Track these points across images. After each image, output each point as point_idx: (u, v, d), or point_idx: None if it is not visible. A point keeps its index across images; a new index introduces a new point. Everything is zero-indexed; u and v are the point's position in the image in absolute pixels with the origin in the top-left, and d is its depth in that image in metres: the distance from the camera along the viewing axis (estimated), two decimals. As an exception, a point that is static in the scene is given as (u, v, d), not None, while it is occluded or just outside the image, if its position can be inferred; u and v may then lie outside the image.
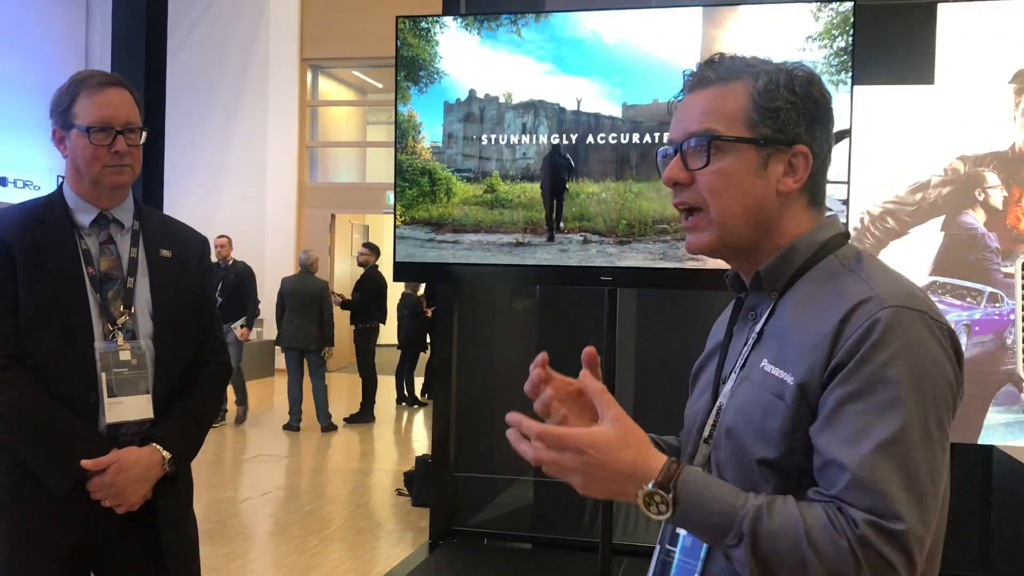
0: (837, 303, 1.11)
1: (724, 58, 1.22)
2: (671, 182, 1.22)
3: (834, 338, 1.08)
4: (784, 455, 1.10)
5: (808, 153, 1.19)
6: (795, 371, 1.11)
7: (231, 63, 13.62)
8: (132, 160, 2.01)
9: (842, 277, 1.16)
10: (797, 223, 1.21)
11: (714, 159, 1.18)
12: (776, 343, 1.17)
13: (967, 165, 3.96)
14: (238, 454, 7.91)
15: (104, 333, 1.97)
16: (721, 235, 1.20)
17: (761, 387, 1.15)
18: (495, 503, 5.17)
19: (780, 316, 1.19)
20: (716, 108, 1.19)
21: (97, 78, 2.01)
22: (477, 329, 5.13)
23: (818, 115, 1.20)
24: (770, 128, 1.17)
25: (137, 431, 2.00)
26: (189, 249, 2.17)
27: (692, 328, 4.58)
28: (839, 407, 1.06)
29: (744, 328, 1.26)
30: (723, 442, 1.18)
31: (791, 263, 1.20)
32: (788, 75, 1.19)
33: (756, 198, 1.18)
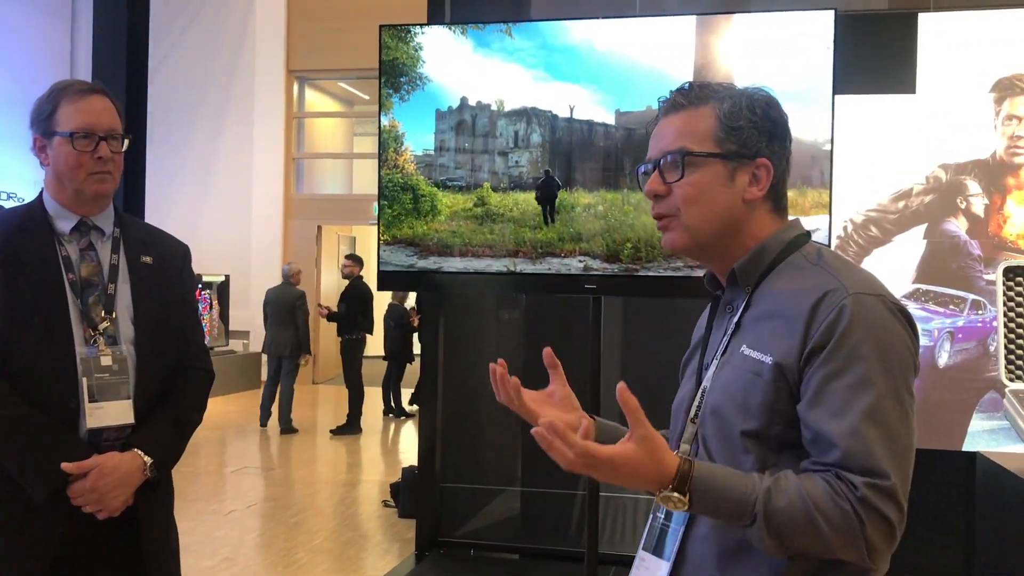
0: (806, 293, 1.28)
1: (694, 86, 1.41)
2: (651, 194, 1.40)
3: (807, 323, 1.25)
4: (765, 426, 1.27)
5: (769, 165, 1.37)
6: (772, 351, 1.28)
7: (217, 74, 13.60)
8: (114, 167, 2.01)
9: (808, 270, 1.34)
10: (763, 226, 1.39)
11: (688, 172, 1.36)
12: (753, 330, 1.34)
13: (949, 173, 3.99)
14: (223, 466, 7.86)
15: (85, 338, 1.97)
16: (692, 237, 1.38)
17: (741, 368, 1.31)
18: (482, 514, 5.15)
19: (755, 307, 1.36)
20: (688, 129, 1.38)
21: (78, 86, 2.02)
22: (463, 339, 5.13)
23: (776, 132, 1.39)
24: (735, 144, 1.36)
25: (118, 437, 1.99)
26: (170, 256, 2.17)
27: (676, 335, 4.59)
28: (823, 385, 1.22)
29: (723, 321, 1.43)
30: (708, 420, 1.34)
31: (762, 260, 1.38)
32: (750, 99, 1.38)
33: (725, 205, 1.37)
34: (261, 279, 13.42)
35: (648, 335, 4.63)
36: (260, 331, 13.27)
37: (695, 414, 1.38)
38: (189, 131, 13.37)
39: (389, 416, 10.69)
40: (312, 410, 11.23)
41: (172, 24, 12.98)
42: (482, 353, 5.22)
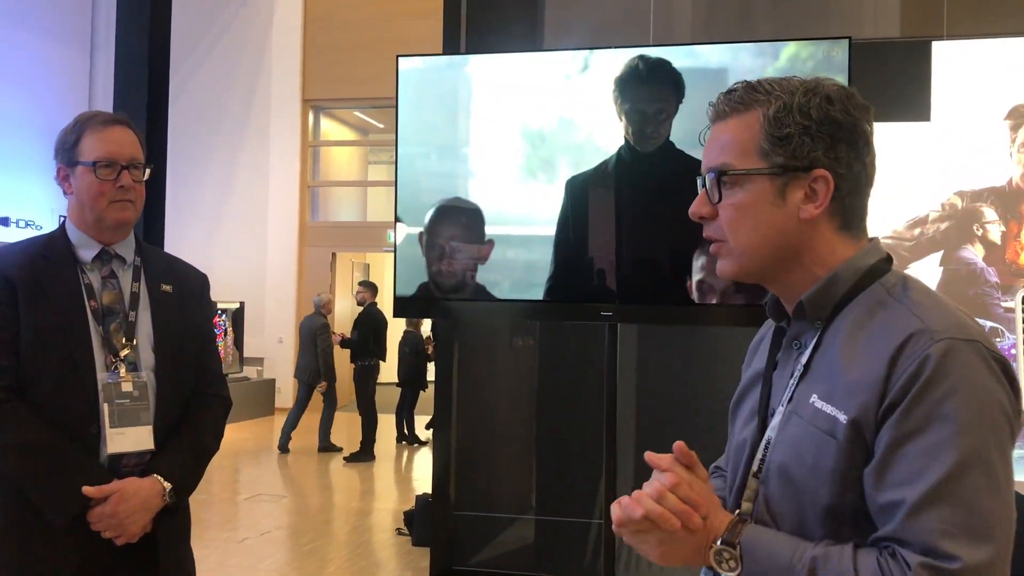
0: (887, 337, 1.10)
1: (740, 87, 1.21)
2: (696, 217, 1.23)
3: (887, 375, 1.07)
4: (837, 494, 1.10)
5: (828, 177, 1.16)
6: (847, 408, 1.09)
7: (234, 104, 13.74)
8: (136, 196, 2.05)
9: (889, 307, 1.14)
10: (831, 249, 1.18)
11: (727, 193, 1.19)
12: (826, 377, 1.14)
13: (965, 200, 3.98)
14: (237, 493, 7.86)
15: (106, 365, 1.99)
16: (742, 265, 1.21)
17: (812, 424, 1.13)
18: (496, 542, 5.12)
19: (828, 348, 1.17)
20: (731, 141, 1.19)
21: (102, 117, 2.07)
22: (478, 366, 5.12)
23: (839, 135, 1.16)
24: (783, 156, 1.16)
25: (138, 463, 2.01)
26: (190, 285, 2.20)
27: (693, 363, 4.58)
28: (894, 448, 1.05)
29: (789, 358, 1.24)
30: (775, 479, 1.17)
31: (835, 292, 1.18)
32: (805, 97, 1.16)
33: (775, 227, 1.17)
34: (276, 306, 13.49)
35: (665, 362, 4.62)
36: (274, 358, 13.39)
37: (758, 468, 1.20)
38: (206, 159, 13.49)
39: (402, 443, 10.67)
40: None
41: (190, 55, 13.13)
42: (497, 381, 5.22)
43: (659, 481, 1.19)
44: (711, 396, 4.47)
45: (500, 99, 3.32)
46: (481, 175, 3.34)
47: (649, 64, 3.14)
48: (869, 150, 1.20)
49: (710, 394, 4.47)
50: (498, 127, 3.32)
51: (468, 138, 3.36)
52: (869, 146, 1.20)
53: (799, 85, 1.18)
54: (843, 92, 1.19)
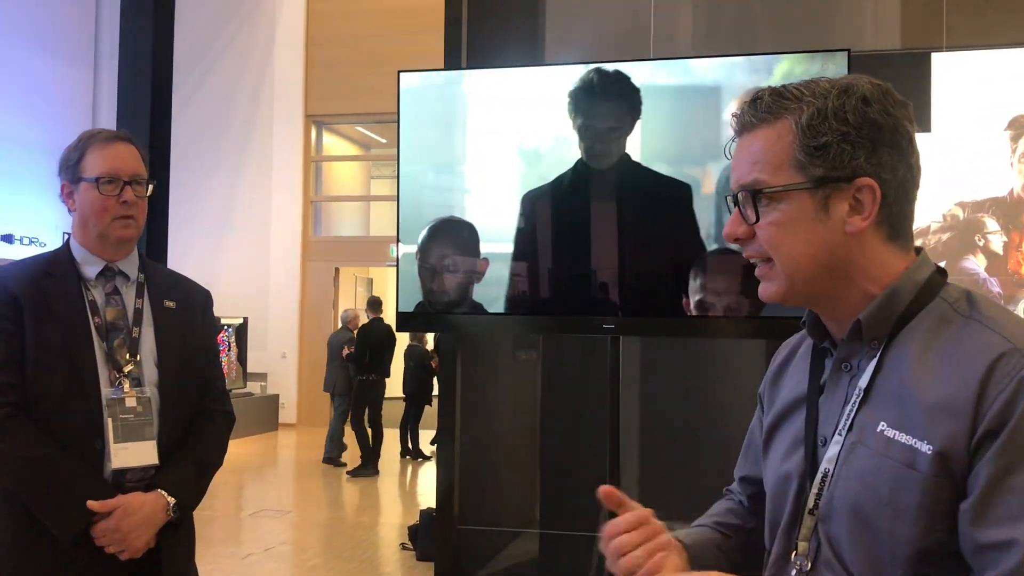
0: (969, 358, 1.00)
1: (766, 95, 1.10)
2: (731, 239, 1.14)
3: (976, 401, 0.97)
4: (923, 533, 1.00)
5: (874, 184, 1.06)
6: (930, 437, 1.00)
7: (237, 120, 13.80)
8: (138, 212, 2.07)
9: (959, 325, 1.05)
10: (882, 262, 1.09)
11: (765, 212, 1.09)
12: (895, 403, 1.04)
13: (966, 211, 3.98)
14: (241, 509, 7.84)
15: (110, 380, 2.00)
16: (789, 287, 1.10)
17: (884, 455, 1.03)
18: (500, 556, 5.11)
19: (892, 371, 1.06)
20: (761, 155, 1.09)
21: (105, 134, 2.10)
22: (481, 380, 5.12)
23: (881, 138, 1.07)
24: (822, 167, 1.06)
25: (142, 478, 2.02)
26: (193, 301, 2.22)
27: (696, 375, 4.58)
28: (998, 480, 0.95)
29: (839, 382, 1.13)
30: (842, 517, 1.06)
31: (894, 309, 1.08)
32: (839, 100, 1.07)
33: (822, 244, 1.07)
34: (279, 321, 13.50)
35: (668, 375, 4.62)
36: (277, 373, 13.40)
37: (815, 505, 1.09)
38: (209, 175, 13.54)
39: (406, 458, 10.65)
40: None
41: (193, 71, 13.20)
42: (500, 394, 5.22)
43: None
44: (714, 408, 4.46)
45: (501, 114, 3.34)
46: (483, 190, 3.35)
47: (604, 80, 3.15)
48: (913, 150, 1.10)
49: (713, 406, 4.47)
50: (499, 142, 3.33)
51: (469, 154, 3.38)
52: (912, 145, 1.10)
53: (830, 87, 1.08)
54: (879, 90, 1.09)
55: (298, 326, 13.60)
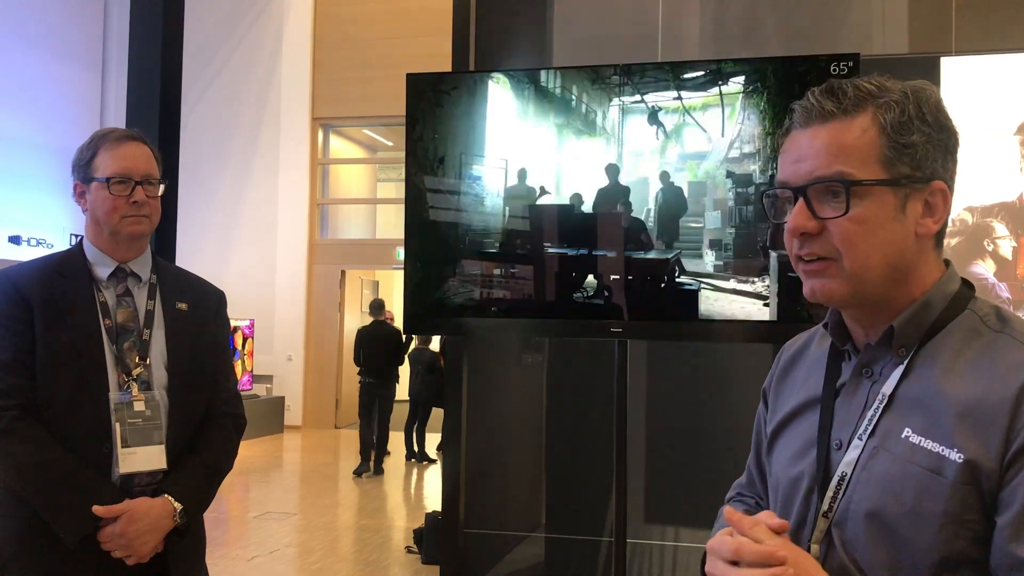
0: (1004, 372, 1.01)
1: (845, 85, 1.09)
2: (798, 232, 1.09)
3: (1012, 414, 0.98)
4: (947, 541, 1.00)
5: (946, 189, 1.09)
6: (960, 446, 1.00)
7: (244, 123, 13.82)
8: (150, 210, 2.06)
9: (994, 340, 1.05)
10: (930, 269, 1.10)
11: (851, 205, 1.05)
12: (921, 411, 1.04)
13: (975, 216, 3.97)
14: (247, 511, 7.85)
15: (119, 384, 1.99)
16: (855, 287, 1.08)
17: (909, 462, 1.03)
18: (506, 560, 5.10)
19: (920, 378, 1.06)
20: (844, 147, 1.06)
21: (117, 134, 2.08)
22: (487, 383, 5.12)
23: (951, 145, 1.10)
24: (908, 166, 1.06)
25: (150, 482, 2.01)
26: (205, 302, 2.20)
27: (704, 379, 4.57)
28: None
29: (860, 387, 1.12)
30: (859, 523, 1.06)
31: (927, 318, 1.09)
32: (917, 102, 1.07)
33: (895, 245, 1.07)
34: (285, 324, 13.51)
35: (676, 379, 4.61)
36: (283, 376, 13.40)
37: (829, 507, 1.09)
38: (216, 178, 13.56)
39: (411, 461, 10.65)
40: (334, 454, 11.21)
41: (201, 74, 13.24)
42: (507, 397, 5.21)
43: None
44: (722, 413, 4.45)
45: (510, 115, 3.33)
46: (491, 192, 3.35)
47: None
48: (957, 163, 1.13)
49: (721, 410, 4.45)
50: (508, 143, 3.33)
51: (479, 155, 3.37)
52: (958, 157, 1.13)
53: (905, 87, 1.09)
54: (940, 98, 1.11)
55: (304, 329, 13.61)
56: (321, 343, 13.59)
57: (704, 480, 4.31)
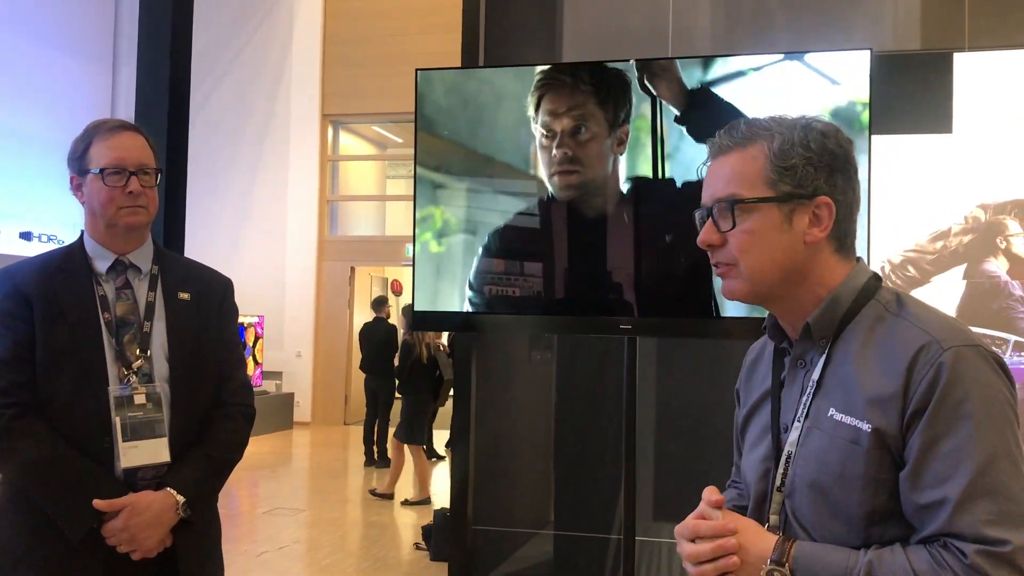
0: (898, 350, 1.20)
1: (741, 124, 1.31)
2: (705, 245, 1.32)
3: (904, 386, 1.17)
4: (869, 498, 1.19)
5: (831, 203, 1.27)
6: (869, 418, 1.19)
7: (254, 119, 13.84)
8: (147, 201, 2.03)
9: (890, 323, 1.25)
10: (829, 270, 1.29)
11: (740, 220, 1.28)
12: (841, 392, 1.24)
13: (988, 213, 3.94)
14: (256, 507, 7.86)
15: (119, 377, 1.97)
16: (753, 287, 1.30)
17: (834, 435, 1.22)
18: (514, 557, 5.09)
19: (838, 364, 1.26)
20: (737, 172, 1.28)
21: (110, 124, 2.05)
22: (496, 381, 5.11)
23: (836, 165, 1.28)
24: (789, 184, 1.26)
25: (154, 475, 1.99)
26: (209, 291, 2.17)
27: (714, 377, 4.55)
28: (926, 451, 1.15)
29: (796, 377, 1.33)
30: (802, 492, 1.26)
31: (837, 311, 1.28)
32: (803, 132, 1.28)
33: (783, 251, 1.27)
34: (295, 320, 13.53)
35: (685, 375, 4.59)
36: (292, 372, 13.43)
37: (781, 483, 1.29)
38: (225, 174, 13.58)
39: (420, 458, 10.65)
40: (343, 451, 11.22)
41: (211, 70, 13.25)
42: (515, 395, 5.20)
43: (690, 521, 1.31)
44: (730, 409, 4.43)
45: (520, 111, 3.32)
46: (502, 189, 3.33)
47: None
48: (857, 178, 1.32)
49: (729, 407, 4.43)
50: (518, 140, 3.31)
51: (488, 152, 3.36)
52: (857, 175, 1.32)
53: (794, 122, 1.30)
54: (832, 127, 1.30)
55: (313, 325, 13.63)
56: (330, 340, 13.61)
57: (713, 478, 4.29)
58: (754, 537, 1.24)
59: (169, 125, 4.49)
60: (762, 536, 1.24)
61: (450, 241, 3.38)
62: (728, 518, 1.27)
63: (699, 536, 1.27)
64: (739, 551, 1.23)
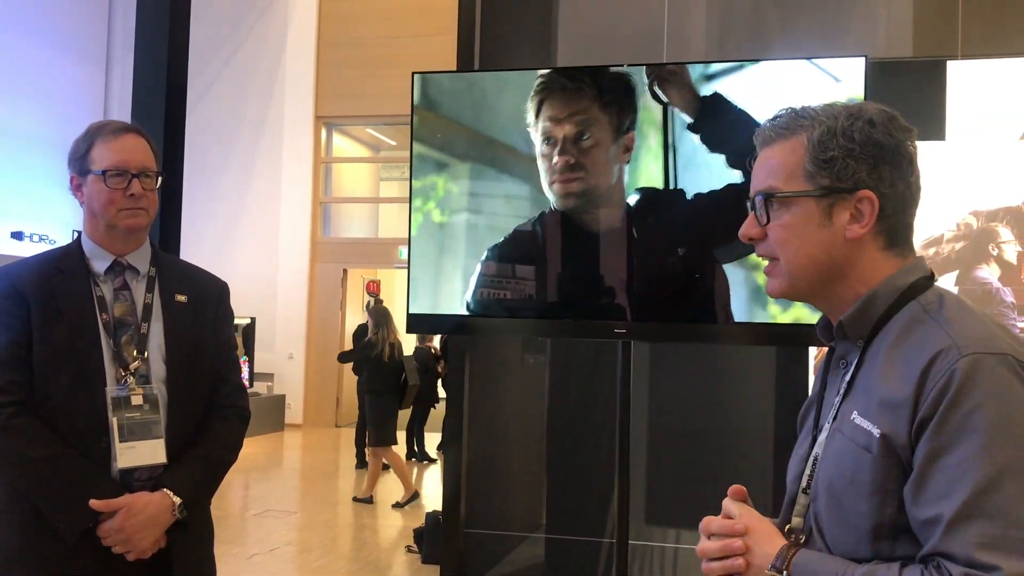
0: (919, 354, 1.12)
1: (785, 113, 1.26)
2: (746, 238, 1.29)
3: (916, 391, 1.10)
4: (877, 508, 1.13)
5: (873, 197, 1.20)
6: (879, 423, 1.13)
7: (247, 120, 13.82)
8: (147, 203, 2.04)
9: (924, 325, 1.16)
10: (875, 268, 1.23)
11: (776, 215, 1.24)
12: (864, 394, 1.19)
13: (980, 220, 3.96)
14: (247, 509, 7.84)
15: (116, 378, 1.98)
16: (791, 283, 1.26)
17: (851, 439, 1.17)
18: (506, 560, 5.09)
19: (868, 366, 1.21)
20: (777, 165, 1.24)
21: (113, 126, 2.06)
22: (488, 383, 5.11)
23: (882, 156, 1.20)
24: (828, 178, 1.20)
25: (150, 476, 1.99)
26: (206, 294, 2.18)
27: (707, 380, 4.56)
28: (928, 463, 1.08)
29: (836, 377, 1.29)
30: (821, 494, 1.22)
31: (872, 311, 1.22)
32: (847, 122, 1.21)
33: (822, 247, 1.22)
34: (287, 322, 13.51)
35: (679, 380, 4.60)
36: (284, 374, 13.40)
37: (807, 484, 1.25)
38: (219, 175, 13.55)
39: (412, 460, 10.64)
40: (335, 453, 11.20)
41: (204, 71, 13.21)
42: (508, 398, 5.20)
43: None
44: (724, 413, 4.44)
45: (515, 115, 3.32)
46: (495, 192, 3.34)
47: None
48: (913, 169, 1.23)
49: (723, 412, 4.45)
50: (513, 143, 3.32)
51: (483, 155, 3.36)
52: (913, 165, 1.23)
53: (842, 110, 1.22)
54: (885, 115, 1.22)
55: (306, 327, 13.61)
56: (322, 342, 13.58)
57: (706, 481, 4.30)
58: (762, 540, 1.21)
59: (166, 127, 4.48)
60: (771, 540, 1.21)
61: (444, 244, 3.38)
62: (744, 518, 1.25)
63: (710, 533, 1.26)
64: (746, 553, 1.21)
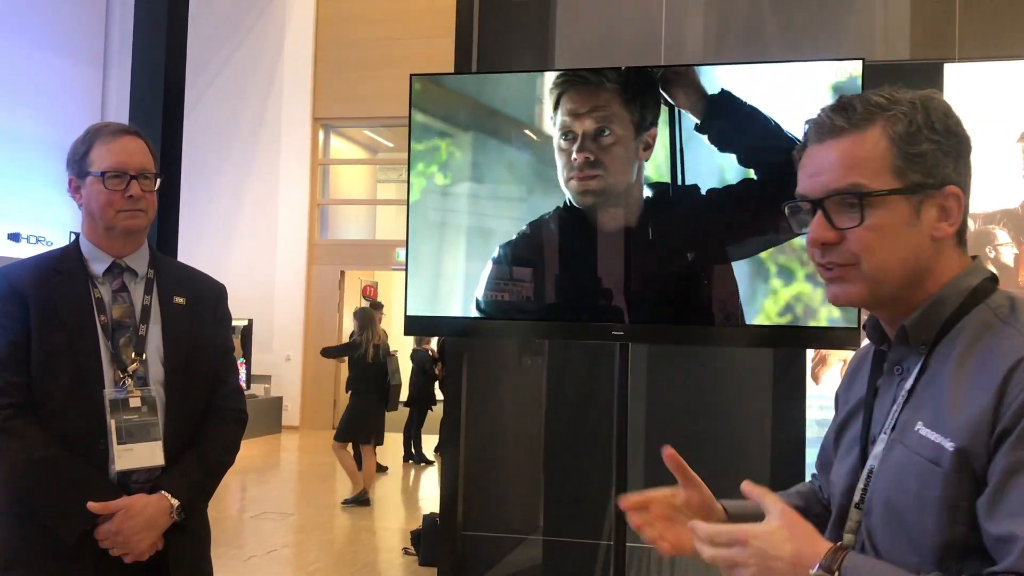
0: (997, 361, 1.05)
1: (855, 101, 1.15)
2: (819, 243, 1.15)
3: (997, 401, 1.02)
4: (946, 526, 1.04)
5: (959, 193, 1.13)
6: (954, 435, 1.04)
7: (245, 122, 13.82)
8: (146, 205, 2.04)
9: (998, 330, 1.09)
10: (949, 268, 1.14)
11: (866, 215, 1.11)
12: (932, 404, 1.09)
13: (977, 223, 3.96)
14: (244, 511, 7.83)
15: (115, 380, 1.97)
16: (873, 289, 1.14)
17: (916, 452, 1.08)
18: (504, 562, 5.09)
19: (934, 373, 1.11)
20: (857, 159, 1.12)
21: (112, 127, 2.06)
22: (486, 385, 5.11)
23: (962, 150, 1.14)
24: (919, 174, 1.11)
25: (148, 479, 1.99)
26: (204, 296, 2.18)
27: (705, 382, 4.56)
28: (1007, 477, 1.00)
29: (890, 384, 1.19)
30: (878, 510, 1.12)
31: (939, 315, 1.13)
32: (925, 112, 1.12)
33: (911, 249, 1.12)
34: (284, 324, 13.50)
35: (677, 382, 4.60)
36: (281, 376, 13.39)
37: (860, 499, 1.15)
38: (216, 177, 13.55)
39: (409, 462, 10.64)
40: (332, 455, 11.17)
41: (201, 73, 13.20)
42: (506, 399, 5.20)
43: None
44: (721, 416, 4.44)
45: (515, 117, 3.33)
46: (494, 194, 3.34)
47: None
48: (971, 165, 1.18)
49: (721, 414, 4.45)
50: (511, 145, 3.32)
51: (481, 157, 3.36)
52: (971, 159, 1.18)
53: (914, 98, 1.14)
54: (948, 105, 1.16)
55: (303, 329, 13.61)
56: (320, 344, 13.52)
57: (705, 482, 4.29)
58: (810, 541, 1.06)
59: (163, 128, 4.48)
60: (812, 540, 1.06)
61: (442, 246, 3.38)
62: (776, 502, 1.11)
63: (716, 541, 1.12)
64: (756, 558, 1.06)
